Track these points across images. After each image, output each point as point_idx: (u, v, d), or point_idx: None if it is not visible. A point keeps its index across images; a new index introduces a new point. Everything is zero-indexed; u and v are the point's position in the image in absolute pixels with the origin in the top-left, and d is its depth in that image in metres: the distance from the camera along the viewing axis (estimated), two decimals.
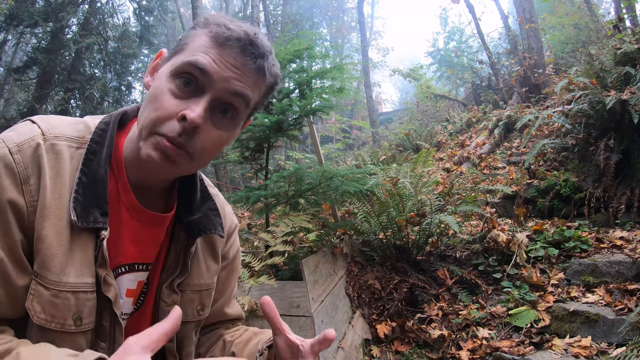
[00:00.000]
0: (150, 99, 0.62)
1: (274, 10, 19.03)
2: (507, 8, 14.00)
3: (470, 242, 3.02)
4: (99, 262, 0.63)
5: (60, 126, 0.65)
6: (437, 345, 2.29)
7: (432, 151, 4.67)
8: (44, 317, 0.58)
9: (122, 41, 9.21)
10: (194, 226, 0.75)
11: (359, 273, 2.67)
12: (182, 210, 0.75)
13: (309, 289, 2.02)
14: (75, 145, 0.64)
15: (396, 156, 6.56)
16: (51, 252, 0.59)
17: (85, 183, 0.62)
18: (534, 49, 7.81)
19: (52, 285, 0.58)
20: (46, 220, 0.59)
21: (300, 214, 2.65)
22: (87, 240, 0.62)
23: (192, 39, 0.63)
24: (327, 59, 4.16)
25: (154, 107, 0.61)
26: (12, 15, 7.55)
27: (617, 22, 4.96)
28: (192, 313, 0.78)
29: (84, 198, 0.61)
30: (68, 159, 0.63)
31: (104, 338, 0.65)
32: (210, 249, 0.81)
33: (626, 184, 3.09)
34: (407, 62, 25.75)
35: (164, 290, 0.74)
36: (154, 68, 0.69)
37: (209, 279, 0.80)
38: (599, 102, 3.28)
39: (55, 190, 0.60)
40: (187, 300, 0.77)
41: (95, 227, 0.61)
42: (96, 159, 0.64)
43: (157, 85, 0.63)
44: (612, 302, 2.15)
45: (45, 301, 0.58)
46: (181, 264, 0.75)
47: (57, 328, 0.59)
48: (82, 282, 0.61)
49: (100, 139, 0.66)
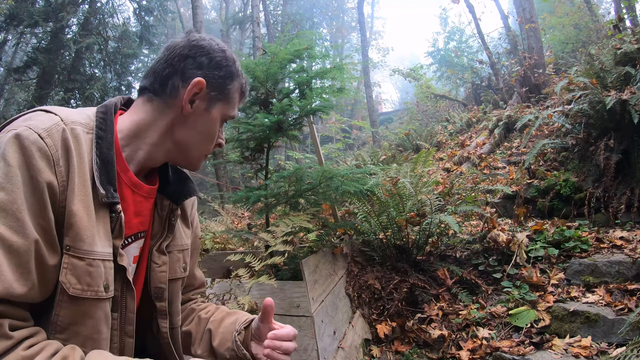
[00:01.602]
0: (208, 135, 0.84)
1: (274, 10, 19.02)
2: (507, 8, 14.01)
3: (470, 242, 3.02)
4: (115, 233, 0.71)
5: (72, 114, 0.72)
6: (437, 345, 2.29)
7: (432, 151, 4.67)
8: (80, 287, 0.64)
9: (122, 41, 9.20)
10: (177, 193, 0.88)
11: (359, 273, 2.67)
12: (163, 184, 0.88)
13: (309, 289, 2.02)
14: (86, 130, 0.72)
15: (396, 156, 6.56)
16: (83, 224, 0.65)
17: (99, 164, 0.70)
18: (534, 49, 7.80)
19: (87, 255, 0.65)
20: (76, 196, 0.65)
21: (300, 214, 2.65)
22: (105, 214, 0.70)
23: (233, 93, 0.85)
24: (327, 59, 4.16)
25: (211, 142, 0.85)
26: (12, 15, 7.55)
27: (617, 22, 4.96)
28: (180, 270, 0.90)
29: (100, 176, 0.70)
30: (84, 142, 0.70)
31: (116, 308, 0.73)
32: (183, 215, 0.95)
33: (626, 184, 3.08)
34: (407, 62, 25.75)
35: (154, 253, 0.85)
36: (193, 98, 0.80)
37: (186, 239, 0.94)
38: (599, 102, 3.28)
39: (80, 169, 0.67)
40: (174, 260, 0.89)
41: (113, 202, 0.70)
42: (105, 143, 0.72)
43: (212, 126, 0.83)
44: (612, 302, 2.14)
45: (81, 271, 0.64)
46: (167, 229, 0.87)
47: (92, 296, 0.66)
48: (106, 252, 0.69)
49: (104, 125, 0.74)
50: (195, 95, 0.79)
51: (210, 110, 0.81)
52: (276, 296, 2.03)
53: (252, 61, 2.67)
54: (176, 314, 0.90)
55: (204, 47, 0.79)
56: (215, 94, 0.81)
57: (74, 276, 0.64)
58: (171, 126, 0.80)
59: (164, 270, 0.85)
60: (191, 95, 0.78)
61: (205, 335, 0.93)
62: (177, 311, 0.90)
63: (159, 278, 0.84)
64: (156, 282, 0.84)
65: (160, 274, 0.84)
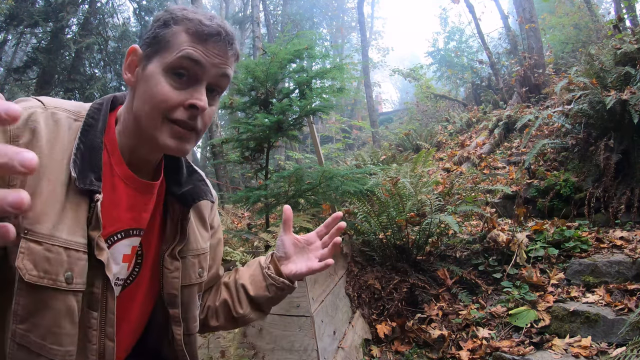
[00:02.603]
0: (152, 94, 0.70)
1: (274, 10, 19.02)
2: (507, 8, 13.99)
3: (470, 242, 3.01)
4: (92, 224, 0.66)
5: (59, 101, 0.72)
6: (437, 345, 2.28)
7: (432, 151, 4.67)
8: (35, 274, 0.60)
9: (122, 41, 9.19)
10: (187, 196, 0.83)
11: (359, 273, 2.67)
12: (172, 185, 0.84)
13: (309, 288, 2.02)
14: (74, 117, 0.71)
15: (396, 156, 6.56)
16: (46, 207, 0.62)
17: (82, 150, 0.68)
18: (534, 49, 7.80)
19: (45, 239, 0.61)
20: (42, 178, 0.63)
21: (301, 214, 2.65)
22: (81, 202, 0.66)
23: (172, 37, 0.70)
24: (327, 59, 4.16)
25: (160, 100, 0.69)
26: (12, 15, 7.55)
27: (617, 22, 4.96)
28: (195, 276, 0.86)
29: (81, 162, 0.67)
30: (66, 127, 0.69)
31: (96, 307, 0.68)
32: (200, 218, 0.90)
33: (626, 184, 3.08)
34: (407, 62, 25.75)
35: (166, 258, 0.81)
36: (131, 65, 0.74)
37: (203, 243, 0.89)
38: (599, 102, 3.28)
39: (52, 152, 0.65)
40: (188, 265, 0.85)
41: (90, 189, 0.66)
42: (92, 131, 0.70)
43: (154, 83, 0.70)
44: (612, 302, 2.14)
45: (38, 257, 0.60)
46: (179, 233, 0.83)
47: (50, 284, 0.61)
48: (73, 241, 0.64)
49: (96, 115, 0.73)
50: (132, 64, 0.74)
51: (146, 68, 0.71)
52: None
53: (252, 61, 2.67)
54: (192, 319, 0.87)
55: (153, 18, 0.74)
56: (150, 49, 0.72)
57: (31, 261, 0.60)
58: (129, 106, 0.75)
59: (176, 276, 0.82)
60: (128, 64, 0.74)
61: (240, 292, 0.92)
62: (193, 317, 0.87)
63: (171, 284, 0.81)
64: (169, 289, 0.81)
65: (173, 280, 0.81)
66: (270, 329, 2.02)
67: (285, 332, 1.98)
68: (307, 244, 0.89)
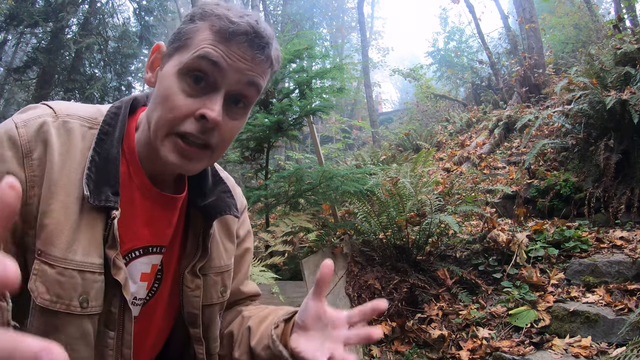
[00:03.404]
0: (162, 99, 0.62)
1: (274, 10, 19.02)
2: (507, 8, 13.99)
3: (470, 242, 3.01)
4: (109, 243, 0.61)
5: (72, 107, 0.66)
6: (437, 345, 2.29)
7: (432, 151, 4.67)
8: (48, 298, 0.56)
9: (122, 41, 9.20)
10: (210, 209, 0.75)
11: (359, 273, 2.67)
12: (196, 196, 0.76)
13: (309, 289, 2.02)
14: (88, 125, 0.65)
15: (396, 156, 6.56)
16: (58, 227, 0.57)
17: (97, 162, 0.62)
18: (534, 49, 7.80)
19: (58, 262, 0.57)
20: (54, 195, 0.58)
21: (300, 214, 2.65)
22: (97, 220, 0.61)
23: (194, 33, 0.62)
24: (327, 59, 4.16)
25: (169, 108, 0.61)
26: (12, 15, 7.55)
27: (617, 22, 4.96)
28: (217, 295, 0.79)
29: (96, 176, 0.61)
30: (80, 137, 0.63)
31: (113, 326, 0.64)
32: (226, 231, 0.82)
33: (626, 184, 3.08)
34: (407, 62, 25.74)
35: (186, 276, 0.74)
36: (154, 63, 0.68)
37: (227, 260, 0.81)
38: (599, 102, 3.28)
39: (64, 166, 0.60)
40: (210, 284, 0.77)
41: (107, 206, 0.60)
42: (109, 140, 0.64)
43: (166, 85, 0.62)
44: (612, 302, 2.14)
45: (51, 280, 0.56)
46: (201, 248, 0.75)
47: (62, 309, 0.57)
48: (88, 262, 0.59)
49: (113, 121, 0.66)
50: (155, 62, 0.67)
51: (163, 67, 0.64)
52: (276, 297, 2.03)
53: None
54: (213, 339, 0.80)
55: None
56: (172, 47, 0.64)
57: (43, 284, 0.56)
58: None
59: (197, 295, 0.75)
60: (150, 62, 0.68)
61: (244, 334, 0.80)
62: (214, 337, 0.81)
63: (192, 303, 0.75)
64: (189, 308, 0.75)
65: (194, 299, 0.75)
66: None
67: None
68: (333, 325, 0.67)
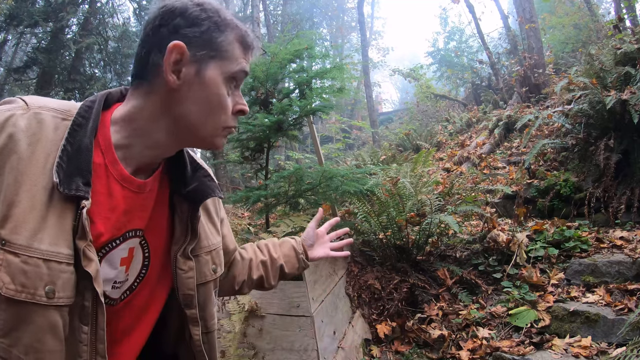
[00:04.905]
0: (210, 103, 0.70)
1: (274, 10, 19.02)
2: (507, 8, 13.99)
3: (470, 242, 3.02)
4: (78, 233, 0.61)
5: (46, 100, 0.67)
6: (437, 345, 2.29)
7: (432, 151, 4.67)
8: (13, 288, 0.56)
9: (122, 41, 9.19)
10: (194, 194, 0.80)
11: (359, 273, 2.67)
12: (177, 183, 0.80)
13: (309, 289, 2.02)
14: (61, 117, 0.66)
15: (396, 156, 6.56)
16: (24, 216, 0.58)
17: (69, 152, 0.63)
18: (534, 49, 7.80)
19: (22, 251, 0.57)
20: (21, 185, 0.58)
21: (301, 214, 2.65)
22: (67, 210, 0.61)
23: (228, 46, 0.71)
24: (327, 59, 4.17)
25: (223, 109, 0.72)
26: (12, 15, 7.55)
27: (617, 22, 4.96)
28: (210, 273, 0.85)
29: (67, 165, 0.62)
30: (52, 128, 0.64)
31: (86, 321, 0.63)
32: (207, 213, 0.89)
33: (626, 184, 3.08)
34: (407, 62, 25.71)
35: (179, 259, 0.79)
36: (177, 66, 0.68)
37: (214, 239, 0.88)
38: (599, 102, 3.28)
39: (33, 156, 0.61)
40: (202, 263, 0.83)
41: (77, 195, 0.61)
42: (82, 131, 0.65)
43: (216, 92, 0.70)
44: (612, 302, 2.14)
45: (15, 269, 0.56)
46: (190, 231, 0.80)
47: (28, 299, 0.57)
48: (55, 251, 0.59)
49: (86, 114, 0.68)
50: (179, 63, 0.68)
51: (203, 73, 0.68)
52: (276, 296, 2.03)
53: (252, 61, 2.67)
54: (210, 317, 0.85)
55: (175, 9, 0.68)
56: (204, 53, 0.68)
57: (8, 274, 0.56)
58: (164, 108, 0.70)
59: (191, 276, 0.79)
60: (172, 63, 0.67)
61: (276, 270, 1.10)
62: (210, 315, 0.85)
63: (186, 285, 0.79)
64: (184, 289, 0.79)
65: (188, 280, 0.79)
66: (270, 329, 2.02)
67: (285, 332, 1.98)
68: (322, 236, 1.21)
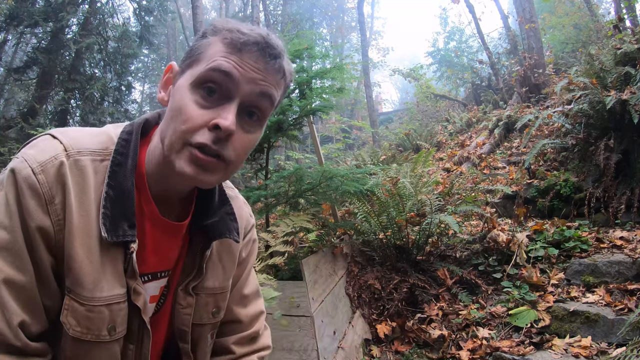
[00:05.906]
0: (175, 113, 0.61)
1: (274, 10, 19.02)
2: (507, 8, 14.00)
3: (470, 242, 3.02)
4: (128, 273, 0.64)
5: (81, 138, 0.64)
6: (437, 345, 2.29)
7: (432, 151, 4.67)
8: (79, 330, 0.61)
9: (122, 41, 9.20)
10: (210, 230, 0.74)
11: (359, 273, 2.67)
12: (199, 215, 0.75)
13: (309, 289, 2.02)
14: (99, 158, 0.63)
15: (396, 156, 6.56)
16: (83, 270, 0.60)
17: (112, 197, 0.62)
18: (534, 49, 7.80)
19: (86, 301, 0.60)
20: (75, 239, 0.59)
21: (301, 214, 2.65)
22: (117, 254, 0.63)
23: (205, 48, 0.62)
24: (327, 59, 4.17)
25: (182, 120, 0.60)
26: (12, 15, 7.55)
27: (617, 22, 4.96)
28: (207, 316, 0.79)
29: (112, 212, 0.61)
30: (92, 174, 0.62)
31: (133, 340, 0.68)
32: (228, 252, 0.80)
33: (626, 184, 3.09)
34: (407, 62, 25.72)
35: (179, 293, 0.75)
36: (167, 83, 0.68)
37: (224, 282, 0.80)
38: (599, 102, 3.28)
39: (81, 207, 0.60)
40: (202, 303, 0.77)
41: (125, 241, 0.62)
42: (121, 171, 0.63)
43: (179, 99, 0.62)
44: (612, 302, 2.15)
45: (80, 316, 0.61)
46: (197, 267, 0.75)
47: (93, 339, 0.62)
48: (114, 294, 0.63)
49: (124, 149, 0.65)
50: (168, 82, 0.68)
51: (176, 83, 0.64)
52: None
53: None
54: (202, 356, 0.81)
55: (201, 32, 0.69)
56: (184, 64, 0.65)
57: (74, 318, 0.60)
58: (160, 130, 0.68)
59: (188, 312, 0.76)
60: (163, 82, 0.68)
61: None
62: (203, 354, 0.81)
63: (182, 320, 0.76)
64: (179, 324, 0.76)
65: (184, 316, 0.76)
66: (270, 329, 2.02)
67: (285, 332, 1.98)
68: None
